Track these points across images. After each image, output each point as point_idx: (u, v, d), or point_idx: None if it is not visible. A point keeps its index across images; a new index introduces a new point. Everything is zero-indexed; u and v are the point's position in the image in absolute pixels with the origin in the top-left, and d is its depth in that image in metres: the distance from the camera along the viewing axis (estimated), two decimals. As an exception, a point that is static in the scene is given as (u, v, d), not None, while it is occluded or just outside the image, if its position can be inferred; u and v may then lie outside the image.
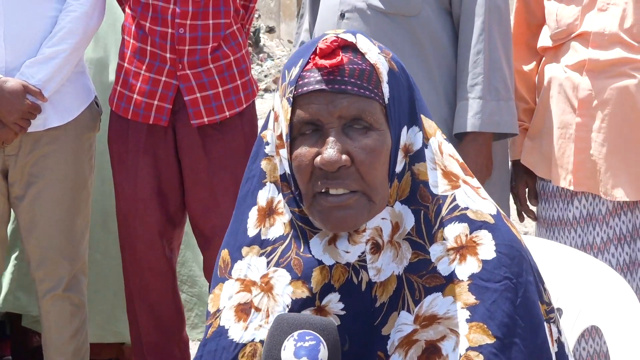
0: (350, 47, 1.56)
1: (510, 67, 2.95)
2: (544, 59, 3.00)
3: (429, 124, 1.62)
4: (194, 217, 3.17)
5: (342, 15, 2.94)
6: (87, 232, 3.17)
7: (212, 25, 3.03)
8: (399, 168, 1.58)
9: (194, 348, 4.03)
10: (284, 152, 1.59)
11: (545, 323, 1.59)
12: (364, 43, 1.56)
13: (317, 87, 1.53)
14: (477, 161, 2.87)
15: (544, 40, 2.96)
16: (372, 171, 1.53)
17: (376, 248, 1.59)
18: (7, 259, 3.35)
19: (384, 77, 1.55)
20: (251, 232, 1.69)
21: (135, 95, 3.07)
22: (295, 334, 1.50)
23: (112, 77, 3.30)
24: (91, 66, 3.45)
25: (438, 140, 1.63)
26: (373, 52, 1.56)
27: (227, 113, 3.08)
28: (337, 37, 1.56)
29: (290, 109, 1.55)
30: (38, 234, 3.05)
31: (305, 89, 1.54)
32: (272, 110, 1.63)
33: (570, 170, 2.84)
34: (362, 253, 1.59)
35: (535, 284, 1.60)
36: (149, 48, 3.05)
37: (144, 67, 3.06)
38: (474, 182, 1.65)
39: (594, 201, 2.85)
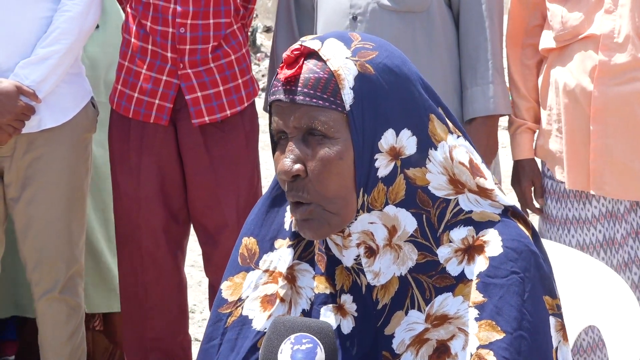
0: (315, 54, 1.56)
1: (502, 49, 3.04)
2: (548, 60, 2.96)
3: (440, 127, 1.60)
4: (195, 215, 3.18)
5: (355, 18, 2.97)
6: (83, 234, 3.16)
7: (212, 25, 3.03)
8: (384, 172, 1.57)
9: (196, 348, 4.02)
10: None
11: (552, 317, 1.60)
12: (329, 49, 1.56)
13: (277, 97, 1.58)
14: (487, 143, 2.98)
15: (547, 41, 2.93)
16: (322, 180, 1.55)
17: (370, 252, 1.59)
18: None
19: (346, 84, 1.54)
20: (287, 225, 1.71)
21: (136, 94, 3.08)
22: (292, 337, 1.50)
23: None
24: (100, 65, 3.44)
25: (450, 145, 1.60)
26: (338, 58, 1.55)
27: (228, 112, 3.08)
28: (301, 45, 1.57)
29: (269, 117, 1.62)
30: (34, 235, 3.04)
31: (271, 98, 1.59)
32: None
33: (587, 174, 2.83)
34: (358, 257, 1.60)
35: (546, 278, 1.61)
36: (150, 47, 3.05)
37: (145, 66, 3.06)
38: (488, 183, 1.63)
39: (612, 200, 2.85)
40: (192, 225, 3.25)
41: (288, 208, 1.70)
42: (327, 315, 1.64)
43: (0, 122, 2.88)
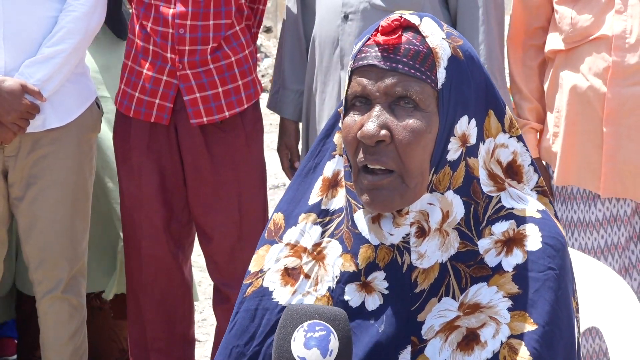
0: (413, 29, 1.59)
1: (503, 54, 3.02)
2: (555, 61, 2.93)
3: (495, 124, 1.65)
4: (196, 215, 3.18)
5: (346, 17, 2.97)
6: (87, 234, 3.16)
7: (212, 26, 3.03)
8: (453, 156, 1.60)
9: (200, 348, 4.02)
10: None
11: (574, 318, 1.64)
12: (428, 26, 1.60)
13: (370, 62, 1.58)
14: None
15: (554, 43, 2.91)
16: (409, 151, 1.55)
17: (421, 232, 1.61)
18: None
19: (442, 62, 1.58)
20: (312, 200, 1.72)
21: (137, 94, 3.08)
22: (305, 324, 1.50)
23: None
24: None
25: (496, 143, 1.65)
26: (436, 37, 1.59)
27: (227, 113, 3.08)
28: (400, 17, 1.60)
29: (347, 82, 1.61)
30: (37, 235, 3.05)
31: (360, 62, 1.59)
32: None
33: (599, 176, 2.82)
34: (407, 235, 1.61)
35: (573, 279, 1.65)
36: (151, 47, 3.06)
37: (146, 66, 3.07)
38: (518, 188, 1.68)
39: (617, 203, 2.84)
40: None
41: (316, 184, 1.72)
42: (351, 294, 1.65)
43: (5, 121, 2.88)
